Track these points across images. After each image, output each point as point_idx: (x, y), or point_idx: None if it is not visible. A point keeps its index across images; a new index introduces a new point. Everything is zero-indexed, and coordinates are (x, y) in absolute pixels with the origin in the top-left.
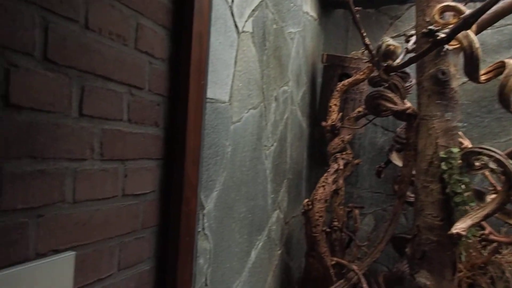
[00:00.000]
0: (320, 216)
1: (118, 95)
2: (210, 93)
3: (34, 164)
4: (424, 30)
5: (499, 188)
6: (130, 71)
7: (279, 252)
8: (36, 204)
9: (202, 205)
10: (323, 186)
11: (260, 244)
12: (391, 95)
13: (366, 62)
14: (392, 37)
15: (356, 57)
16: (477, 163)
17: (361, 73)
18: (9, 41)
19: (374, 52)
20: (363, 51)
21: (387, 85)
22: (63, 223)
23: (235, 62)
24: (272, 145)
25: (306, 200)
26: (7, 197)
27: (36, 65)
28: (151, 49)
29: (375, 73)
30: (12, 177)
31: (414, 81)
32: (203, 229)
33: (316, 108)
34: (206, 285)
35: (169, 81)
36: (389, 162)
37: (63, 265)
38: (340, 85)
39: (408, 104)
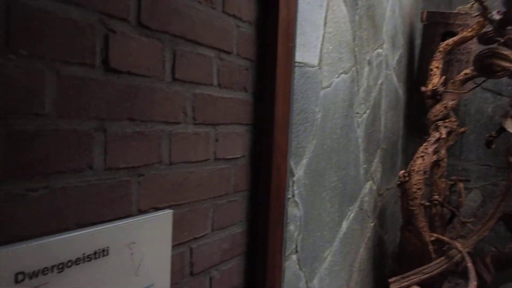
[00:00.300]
0: (418, 189)
1: (208, 59)
2: (298, 57)
3: (133, 126)
4: None
5: None
6: (219, 35)
7: (372, 224)
8: (137, 164)
9: (292, 172)
10: (422, 156)
11: (352, 215)
12: (507, 52)
13: (475, 16)
14: None
15: (463, 12)
16: None
17: (469, 30)
18: (107, 8)
19: (486, 3)
20: (473, 4)
21: (502, 40)
22: (161, 183)
23: (325, 23)
24: (364, 113)
25: (403, 171)
26: (111, 156)
27: (131, 31)
28: (238, 12)
29: (487, 28)
30: (115, 137)
31: None
32: (293, 196)
33: (414, 73)
34: (296, 251)
35: (257, 45)
36: (502, 130)
37: (162, 222)
38: (443, 45)
39: None
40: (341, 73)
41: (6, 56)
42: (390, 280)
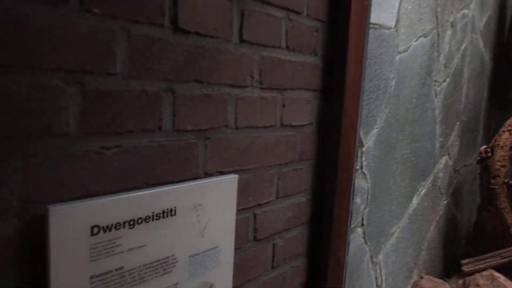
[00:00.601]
0: (502, 166)
1: (277, 20)
2: (373, 17)
3: (200, 88)
4: None
5: None
6: None
7: (445, 202)
8: (204, 127)
9: (361, 142)
10: (509, 130)
11: (423, 191)
12: None
13: None
14: None
15: None
16: None
17: None
18: None
19: None
20: None
21: None
22: (226, 147)
23: None
24: (444, 81)
25: (484, 146)
26: (179, 118)
27: None
28: None
29: None
30: (183, 99)
31: None
32: (361, 167)
33: (504, 38)
34: (362, 225)
35: (328, 3)
36: None
37: (227, 186)
38: None
39: None
40: (420, 36)
41: (81, 15)
42: (462, 261)
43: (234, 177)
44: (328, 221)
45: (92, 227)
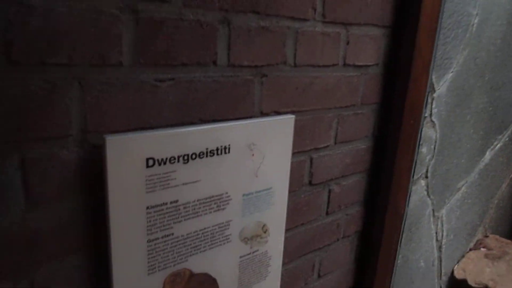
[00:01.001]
0: None
1: None
2: None
3: (257, 20)
4: None
5: None
6: None
7: None
8: (260, 63)
9: (433, 87)
10: None
11: (499, 145)
12: None
13: None
14: None
15: None
16: None
17: None
18: None
19: None
20: None
21: None
22: (284, 86)
23: None
24: None
25: None
26: (235, 52)
27: None
28: None
29: None
30: (239, 32)
31: None
32: (431, 115)
33: None
34: (426, 177)
35: None
36: None
37: (283, 126)
38: None
39: None
40: None
41: None
42: None
43: (290, 118)
44: (389, 170)
45: (147, 159)
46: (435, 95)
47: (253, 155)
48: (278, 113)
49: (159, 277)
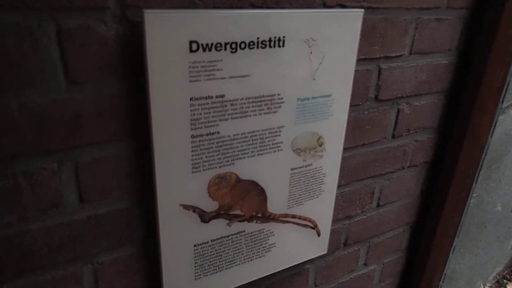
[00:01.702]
0: None
1: None
2: None
3: None
4: None
5: None
6: None
7: None
8: None
9: None
10: None
11: None
12: None
13: None
14: None
15: None
16: None
17: None
18: None
19: None
20: None
21: None
22: None
23: None
24: None
25: None
26: None
27: None
28: None
29: None
30: None
31: None
32: None
33: None
34: None
35: None
36: None
37: (349, 23)
38: None
39: None
40: None
41: None
42: None
43: (358, 13)
44: (472, 92)
45: (190, 42)
46: None
47: (311, 52)
48: (343, 6)
49: (204, 176)
